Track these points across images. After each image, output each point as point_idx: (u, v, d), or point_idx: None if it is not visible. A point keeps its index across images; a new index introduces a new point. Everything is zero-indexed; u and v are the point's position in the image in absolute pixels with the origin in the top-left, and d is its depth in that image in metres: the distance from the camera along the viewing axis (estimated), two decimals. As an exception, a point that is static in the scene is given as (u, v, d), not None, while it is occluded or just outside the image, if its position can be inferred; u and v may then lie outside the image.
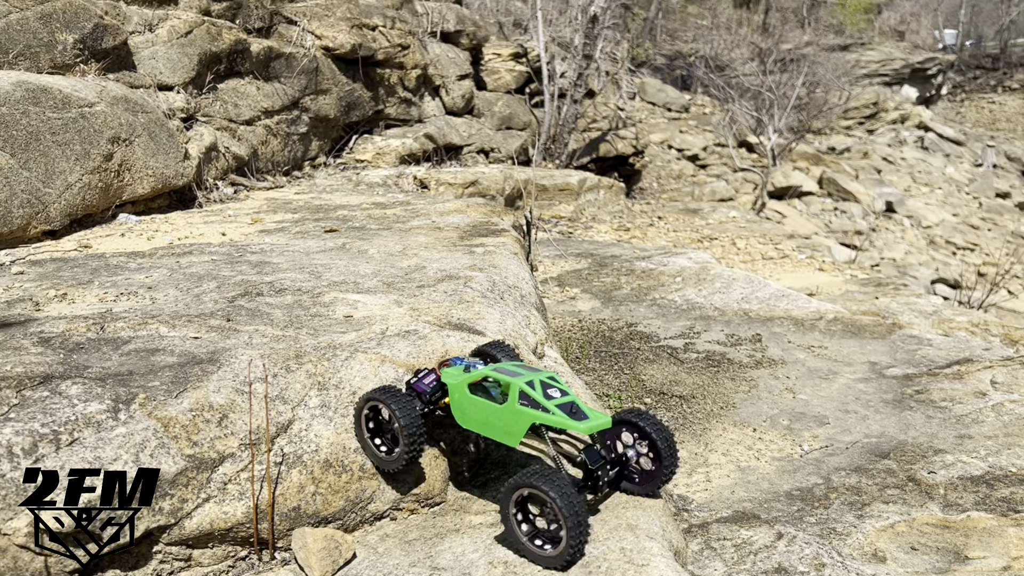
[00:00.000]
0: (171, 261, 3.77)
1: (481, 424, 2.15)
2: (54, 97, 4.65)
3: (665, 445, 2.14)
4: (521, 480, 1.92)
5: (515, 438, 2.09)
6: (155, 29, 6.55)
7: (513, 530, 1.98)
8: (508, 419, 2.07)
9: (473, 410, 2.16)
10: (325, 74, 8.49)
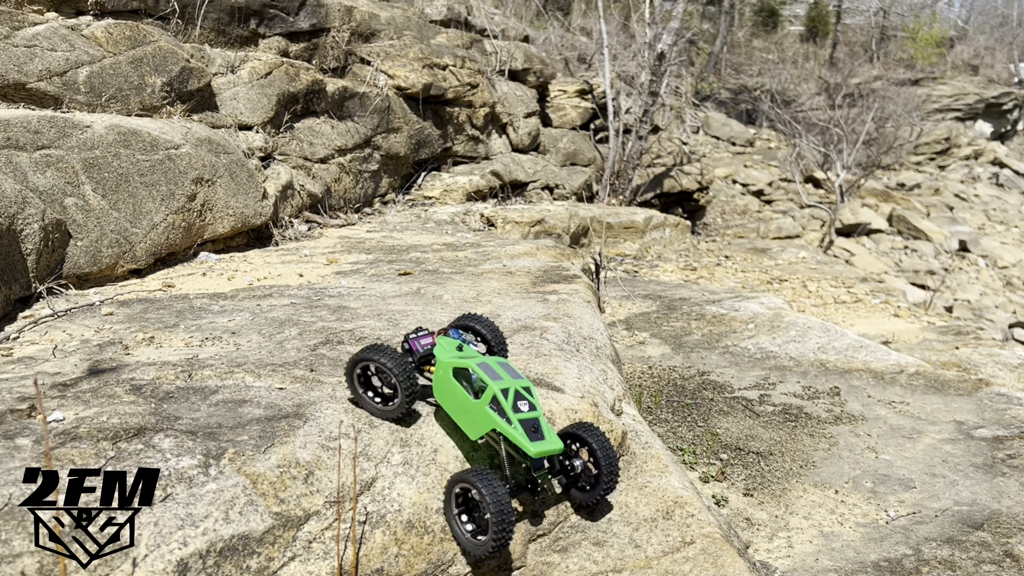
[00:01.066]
0: (252, 304, 3.84)
1: (451, 406, 2.37)
2: (143, 140, 4.83)
3: (604, 456, 2.32)
4: (461, 476, 2.17)
5: (475, 434, 2.31)
6: (236, 71, 6.77)
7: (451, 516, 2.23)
8: (475, 415, 2.27)
9: (450, 392, 2.36)
10: (396, 113, 8.65)
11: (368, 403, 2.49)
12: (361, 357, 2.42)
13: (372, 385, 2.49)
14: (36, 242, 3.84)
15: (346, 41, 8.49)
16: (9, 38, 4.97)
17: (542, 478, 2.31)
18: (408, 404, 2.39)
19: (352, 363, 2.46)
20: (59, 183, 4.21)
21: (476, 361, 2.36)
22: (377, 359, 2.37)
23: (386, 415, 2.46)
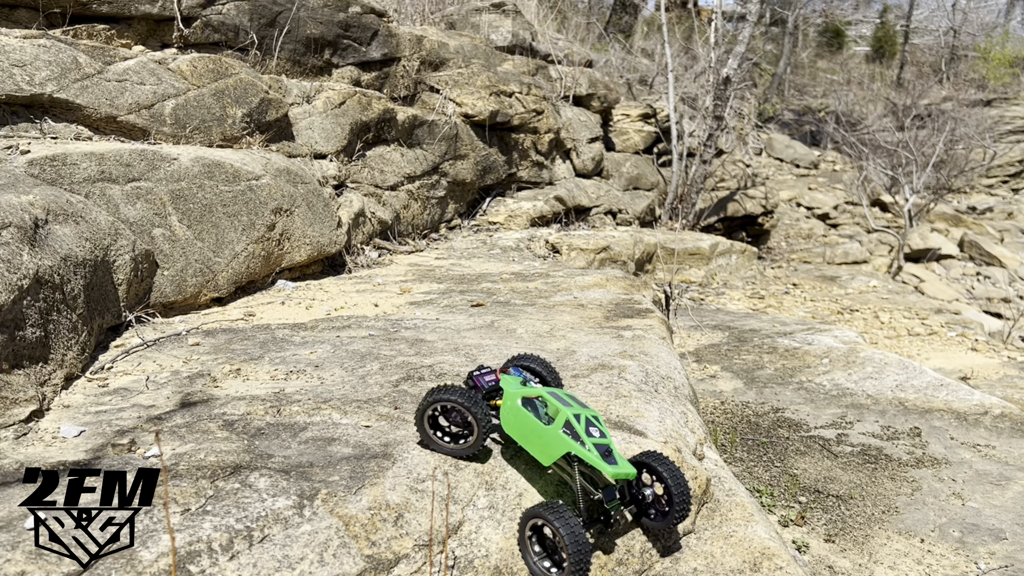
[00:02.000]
0: (332, 335, 3.92)
1: (521, 435, 2.36)
2: (226, 171, 4.98)
3: (676, 485, 2.28)
4: (534, 511, 2.16)
5: (549, 459, 2.29)
6: (312, 100, 6.94)
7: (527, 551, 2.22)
8: (548, 440, 2.27)
9: (519, 421, 2.37)
10: (464, 140, 8.75)
11: (439, 444, 2.48)
12: (435, 399, 2.43)
13: (439, 425, 2.50)
14: (127, 272, 3.98)
15: (416, 70, 8.64)
16: (102, 73, 5.19)
17: (614, 508, 2.30)
18: (484, 438, 2.42)
19: (423, 407, 2.46)
20: (148, 214, 4.37)
21: (545, 391, 2.40)
22: (451, 399, 2.38)
23: (460, 453, 2.47)
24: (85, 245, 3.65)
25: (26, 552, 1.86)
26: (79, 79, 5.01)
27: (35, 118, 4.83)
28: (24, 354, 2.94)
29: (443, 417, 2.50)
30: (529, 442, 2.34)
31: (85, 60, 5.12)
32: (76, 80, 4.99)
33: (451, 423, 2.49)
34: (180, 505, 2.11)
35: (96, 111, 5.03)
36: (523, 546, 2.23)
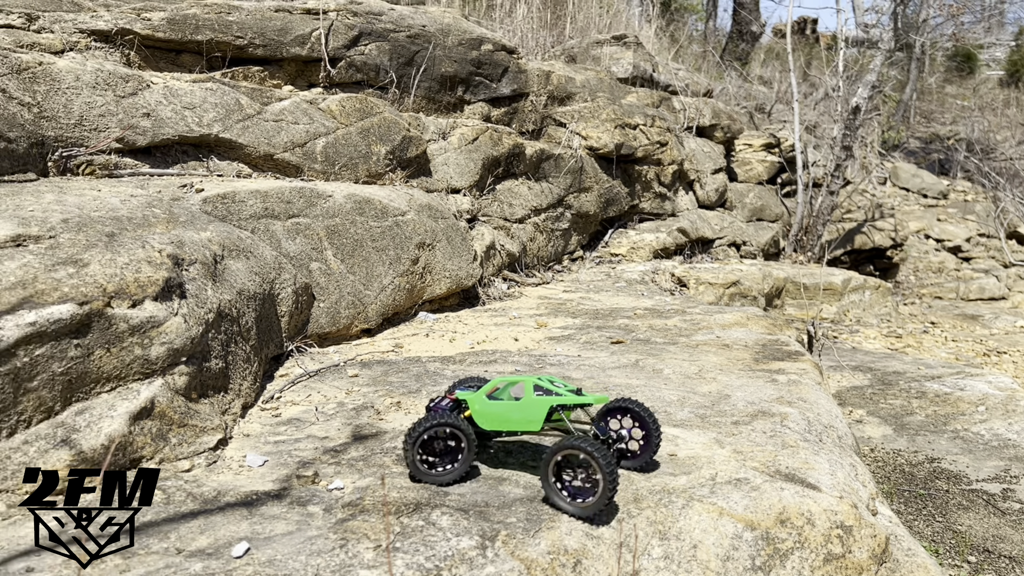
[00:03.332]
0: (479, 369, 3.99)
1: (503, 421, 2.55)
2: (375, 207, 5.18)
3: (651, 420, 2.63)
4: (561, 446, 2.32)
5: (537, 423, 2.52)
6: (447, 137, 7.14)
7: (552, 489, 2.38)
8: (528, 409, 2.51)
9: (495, 412, 2.56)
10: (588, 172, 8.80)
11: (427, 474, 2.54)
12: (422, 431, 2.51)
13: (430, 450, 2.57)
14: (289, 304, 4.18)
15: (543, 104, 8.77)
16: (261, 113, 5.51)
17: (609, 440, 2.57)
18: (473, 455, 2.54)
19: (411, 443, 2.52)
20: (306, 249, 4.58)
21: (498, 379, 2.65)
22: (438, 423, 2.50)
23: (449, 477, 2.54)
24: (255, 279, 3.86)
25: (240, 580, 1.97)
26: (241, 119, 5.33)
27: (203, 156, 5.16)
28: (209, 384, 3.13)
29: (424, 449, 2.56)
30: (513, 423, 2.55)
31: (246, 101, 5.45)
32: (238, 121, 5.31)
33: (435, 450, 2.56)
34: (372, 541, 2.19)
35: (256, 149, 5.34)
36: (548, 484, 2.38)
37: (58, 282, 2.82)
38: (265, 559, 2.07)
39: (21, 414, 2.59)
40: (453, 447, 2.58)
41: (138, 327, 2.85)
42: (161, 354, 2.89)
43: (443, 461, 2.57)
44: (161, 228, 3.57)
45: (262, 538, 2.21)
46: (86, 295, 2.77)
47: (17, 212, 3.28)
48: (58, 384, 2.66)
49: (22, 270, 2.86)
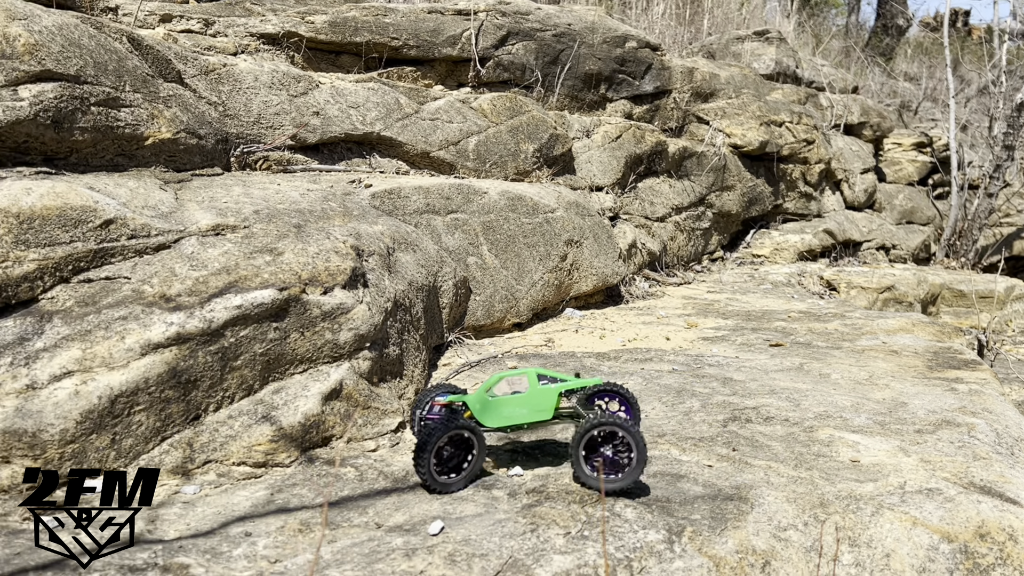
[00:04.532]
0: (636, 367, 3.98)
1: (511, 416, 2.54)
2: (526, 204, 5.26)
3: (635, 403, 2.76)
4: (592, 425, 2.33)
5: (548, 412, 2.55)
6: (591, 135, 7.16)
7: (581, 466, 2.38)
8: (536, 400, 2.54)
9: (499, 409, 2.53)
10: (731, 171, 8.61)
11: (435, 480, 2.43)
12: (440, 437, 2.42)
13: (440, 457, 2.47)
14: (449, 297, 4.31)
15: (685, 101, 8.65)
16: (418, 112, 5.69)
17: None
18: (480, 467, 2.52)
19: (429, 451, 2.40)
20: (464, 244, 4.70)
21: (495, 376, 2.61)
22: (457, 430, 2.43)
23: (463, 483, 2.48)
24: (421, 271, 3.99)
25: (442, 556, 2.05)
26: (400, 118, 5.53)
27: (365, 154, 5.39)
28: (387, 370, 3.27)
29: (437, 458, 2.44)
30: (520, 416, 2.54)
31: (404, 101, 5.64)
32: (398, 119, 5.51)
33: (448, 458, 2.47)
34: (561, 527, 2.23)
35: (413, 147, 5.52)
36: (578, 463, 2.37)
37: (258, 269, 3.01)
38: (460, 538, 2.14)
39: (226, 391, 2.79)
40: (461, 453, 2.48)
41: (329, 313, 3.00)
42: (348, 339, 3.04)
43: (449, 468, 2.46)
44: (339, 221, 3.75)
45: (454, 518, 2.29)
46: (284, 281, 2.95)
47: (213, 204, 3.53)
48: (258, 364, 2.85)
49: (224, 257, 3.08)
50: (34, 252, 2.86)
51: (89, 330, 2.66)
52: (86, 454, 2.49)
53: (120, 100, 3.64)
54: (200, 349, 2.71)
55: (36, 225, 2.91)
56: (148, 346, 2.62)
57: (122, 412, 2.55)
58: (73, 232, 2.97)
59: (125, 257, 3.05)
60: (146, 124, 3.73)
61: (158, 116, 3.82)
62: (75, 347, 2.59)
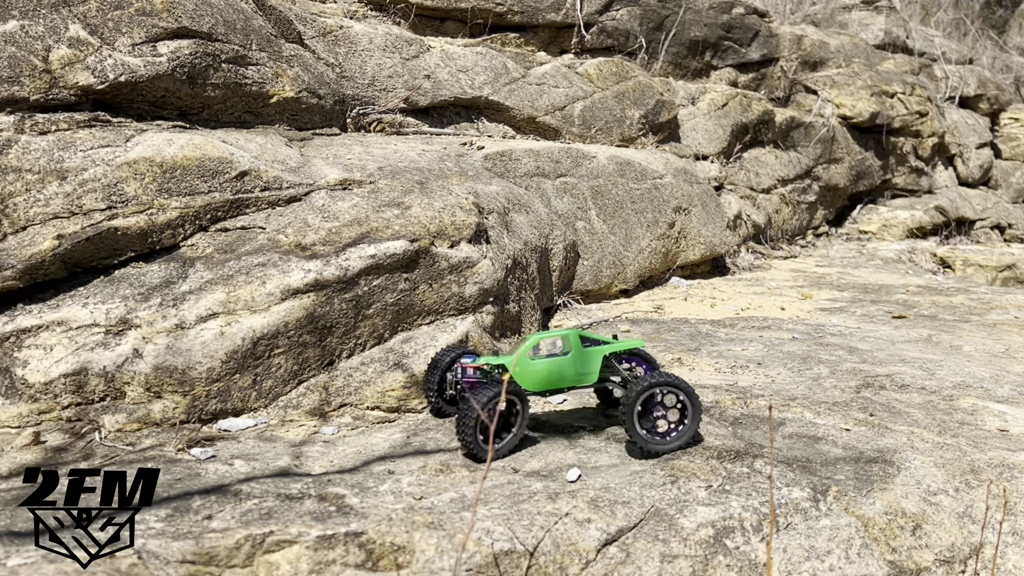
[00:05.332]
0: (754, 334, 3.89)
1: (557, 380, 2.41)
2: (635, 169, 5.18)
3: (656, 364, 2.63)
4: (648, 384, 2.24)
5: (594, 375, 2.44)
6: (696, 102, 7.00)
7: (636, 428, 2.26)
8: (580, 363, 2.42)
9: (540, 372, 2.38)
10: (840, 143, 8.30)
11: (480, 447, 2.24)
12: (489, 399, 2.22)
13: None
14: (560, 260, 4.29)
15: (793, 70, 8.36)
16: (525, 77, 5.66)
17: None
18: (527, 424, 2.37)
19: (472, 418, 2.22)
20: (572, 208, 4.67)
21: (534, 336, 2.46)
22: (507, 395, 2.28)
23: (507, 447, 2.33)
24: (534, 232, 3.98)
25: (585, 500, 2.04)
26: (508, 83, 5.51)
27: (473, 118, 5.39)
28: (507, 326, 3.28)
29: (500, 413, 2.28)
30: (563, 379, 2.41)
31: (512, 66, 5.62)
32: (505, 84, 5.49)
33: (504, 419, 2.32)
34: (702, 480, 2.19)
35: (520, 112, 5.50)
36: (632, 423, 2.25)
37: (387, 221, 3.05)
38: (599, 486, 2.13)
39: (359, 338, 2.84)
40: (504, 419, 2.32)
41: (456, 266, 3.02)
42: (473, 293, 3.05)
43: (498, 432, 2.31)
44: (456, 180, 3.76)
45: (589, 467, 2.28)
46: (414, 233, 2.98)
47: (338, 160, 3.59)
48: (388, 313, 2.89)
49: (354, 209, 3.13)
50: (176, 200, 2.97)
51: (231, 275, 2.74)
52: (230, 393, 2.58)
53: (247, 58, 3.73)
54: (336, 296, 2.76)
55: (178, 175, 3.01)
56: (287, 291, 2.69)
57: (263, 354, 2.63)
58: (211, 182, 3.07)
59: (259, 208, 3.13)
60: (271, 82, 3.82)
61: (282, 75, 3.90)
62: (219, 290, 2.68)
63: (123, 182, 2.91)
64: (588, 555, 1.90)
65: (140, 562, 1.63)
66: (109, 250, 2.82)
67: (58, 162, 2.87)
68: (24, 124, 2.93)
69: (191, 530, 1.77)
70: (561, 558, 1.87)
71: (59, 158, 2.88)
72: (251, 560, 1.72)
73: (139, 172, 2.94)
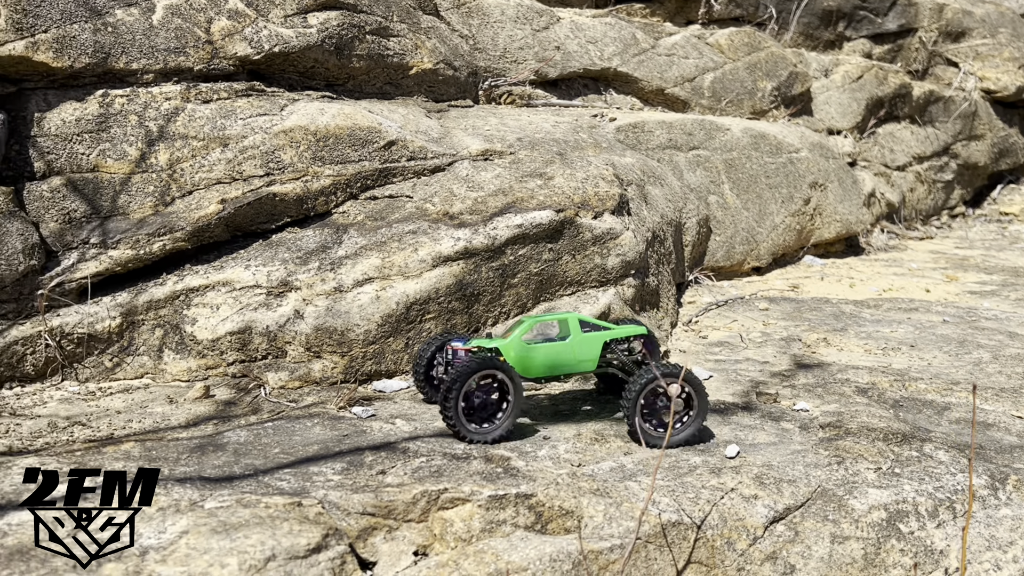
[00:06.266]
0: (901, 316, 3.71)
1: (553, 365, 2.27)
2: (770, 143, 5.01)
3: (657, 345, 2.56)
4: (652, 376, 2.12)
5: (593, 362, 2.31)
6: (830, 74, 6.70)
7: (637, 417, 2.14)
8: (578, 349, 2.28)
9: (537, 358, 2.25)
10: (981, 118, 7.79)
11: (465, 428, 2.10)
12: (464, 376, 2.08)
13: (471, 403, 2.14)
14: (693, 235, 4.20)
15: (932, 41, 7.88)
16: (654, 48, 5.54)
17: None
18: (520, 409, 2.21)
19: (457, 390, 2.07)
20: (705, 182, 4.56)
21: (530, 319, 2.33)
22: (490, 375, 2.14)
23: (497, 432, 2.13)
24: (669, 206, 3.91)
25: (750, 476, 2.00)
26: (637, 54, 5.41)
27: (601, 89, 5.33)
28: (646, 299, 3.24)
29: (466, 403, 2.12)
30: (560, 366, 2.28)
31: (641, 36, 5.51)
32: (634, 55, 5.39)
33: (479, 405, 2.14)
34: (870, 462, 2.11)
35: (648, 83, 5.39)
36: (633, 416, 2.14)
37: (531, 192, 3.05)
38: (761, 463, 2.08)
39: (503, 306, 2.87)
40: (495, 400, 2.17)
41: (599, 237, 3.00)
42: (615, 265, 3.02)
43: (482, 418, 2.15)
44: (591, 151, 3.73)
45: (747, 444, 2.22)
46: (559, 204, 2.97)
47: (477, 131, 3.61)
48: (532, 283, 2.90)
49: (498, 180, 3.14)
50: (329, 168, 3.05)
51: (384, 241, 2.81)
52: (384, 355, 2.65)
53: (389, 30, 3.78)
54: (483, 264, 2.79)
55: (330, 143, 3.09)
56: (439, 258, 2.73)
57: (415, 319, 2.68)
58: (361, 151, 3.14)
59: (405, 177, 3.18)
60: (411, 54, 3.86)
61: (420, 47, 3.94)
62: (373, 256, 2.75)
63: (280, 150, 3.01)
64: (756, 531, 1.86)
65: (324, 511, 1.69)
66: (267, 215, 2.93)
67: (220, 129, 2.99)
68: (189, 93, 3.07)
69: (367, 483, 1.82)
70: (728, 533, 1.84)
71: (221, 126, 3.00)
72: (426, 515, 1.76)
73: (295, 140, 3.04)
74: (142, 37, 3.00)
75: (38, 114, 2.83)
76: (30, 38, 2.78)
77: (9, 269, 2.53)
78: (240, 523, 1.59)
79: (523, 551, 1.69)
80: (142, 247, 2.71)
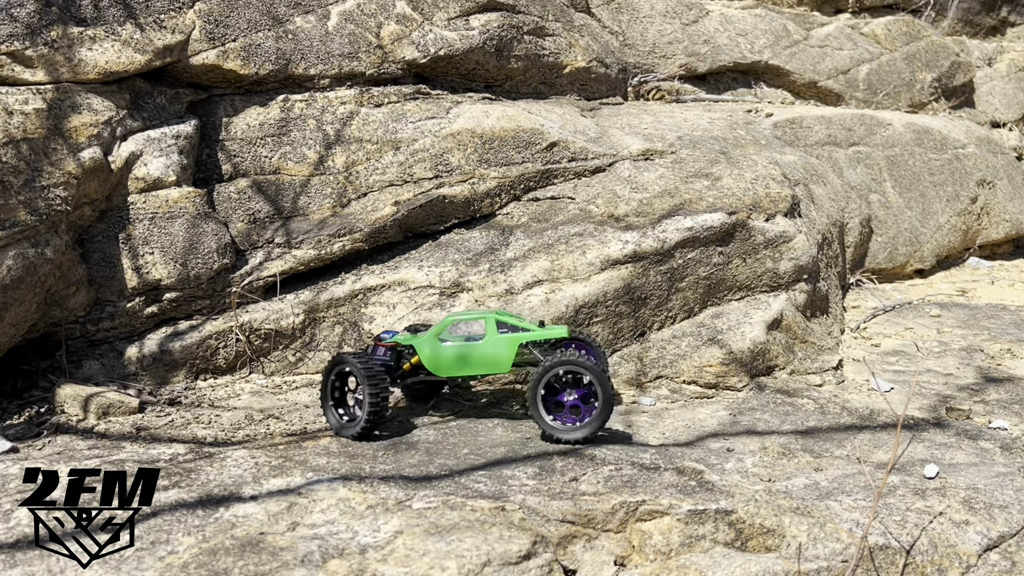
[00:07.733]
0: (1093, 327, 3.44)
1: (463, 365, 2.23)
2: (934, 138, 4.74)
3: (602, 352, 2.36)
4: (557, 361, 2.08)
5: (505, 364, 2.21)
6: (993, 63, 6.28)
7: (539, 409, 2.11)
8: (493, 349, 2.21)
9: (451, 356, 2.22)
10: None
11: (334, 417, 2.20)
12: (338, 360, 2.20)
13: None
14: (855, 236, 4.02)
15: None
16: (806, 40, 5.33)
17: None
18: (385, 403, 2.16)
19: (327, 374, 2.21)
20: (865, 179, 4.36)
21: (450, 317, 2.29)
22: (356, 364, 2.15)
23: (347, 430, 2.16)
24: (833, 206, 3.76)
25: (958, 500, 1.89)
26: (788, 46, 5.22)
27: (752, 83, 5.18)
28: (817, 305, 3.13)
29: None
30: (473, 365, 2.23)
31: (792, 27, 5.32)
32: (786, 47, 5.20)
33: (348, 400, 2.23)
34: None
35: (800, 76, 5.19)
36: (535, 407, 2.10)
37: (699, 193, 2.99)
38: (964, 485, 1.97)
39: (670, 311, 2.83)
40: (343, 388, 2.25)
41: (771, 241, 2.91)
42: (788, 269, 2.93)
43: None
44: (752, 149, 3.62)
45: (945, 463, 2.11)
46: (730, 206, 2.90)
47: (633, 130, 3.57)
48: (700, 287, 2.85)
49: (662, 181, 3.10)
50: (494, 171, 3.09)
51: (551, 244, 2.82)
52: (554, 358, 2.66)
53: (545, 29, 3.79)
54: (652, 268, 2.76)
55: (495, 146, 3.13)
56: (607, 262, 2.72)
57: (583, 321, 2.68)
58: (524, 153, 3.16)
59: (565, 178, 3.18)
60: (565, 52, 3.86)
61: (574, 45, 3.93)
62: (542, 258, 2.76)
63: (448, 152, 3.07)
64: (969, 559, 1.76)
65: (526, 517, 1.71)
66: (437, 216, 3.00)
67: (392, 133, 3.08)
68: (363, 97, 3.17)
69: (563, 490, 1.84)
70: (940, 560, 1.75)
71: (392, 129, 3.09)
72: (624, 526, 1.76)
73: (462, 143, 3.09)
74: (319, 43, 3.12)
75: (225, 119, 2.99)
76: (221, 47, 2.94)
77: (206, 267, 2.69)
78: (450, 525, 1.64)
79: (727, 568, 1.66)
80: (323, 247, 2.82)
